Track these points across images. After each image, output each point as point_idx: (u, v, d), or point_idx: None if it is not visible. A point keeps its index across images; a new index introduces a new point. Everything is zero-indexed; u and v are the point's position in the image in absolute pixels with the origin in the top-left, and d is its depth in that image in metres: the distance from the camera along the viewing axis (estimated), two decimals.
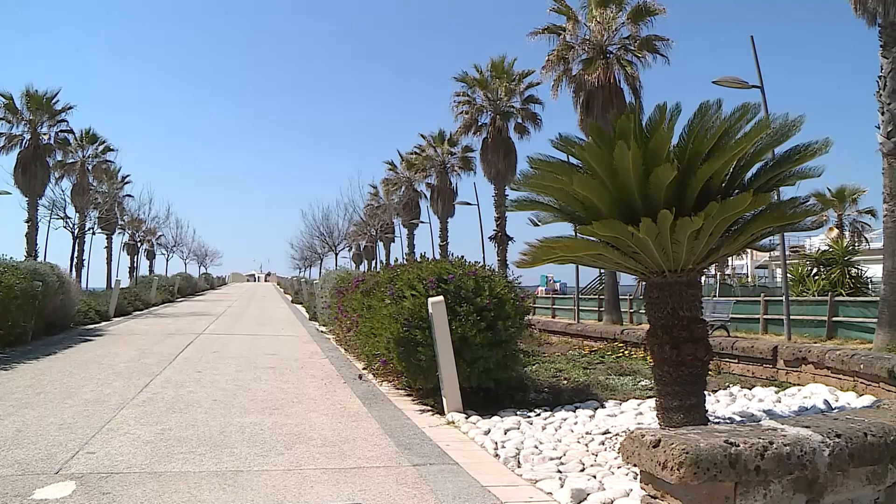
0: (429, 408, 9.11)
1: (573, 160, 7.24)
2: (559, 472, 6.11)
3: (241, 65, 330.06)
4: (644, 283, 7.47)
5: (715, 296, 31.91)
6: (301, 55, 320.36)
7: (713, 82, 17.40)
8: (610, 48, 29.34)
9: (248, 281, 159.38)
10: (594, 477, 5.87)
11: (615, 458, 6.34)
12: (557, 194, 7.24)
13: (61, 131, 44.57)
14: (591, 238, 6.84)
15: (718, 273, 46.11)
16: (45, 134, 43.12)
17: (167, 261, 77.64)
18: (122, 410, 8.76)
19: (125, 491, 5.51)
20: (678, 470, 3.60)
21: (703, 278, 7.96)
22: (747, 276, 56.07)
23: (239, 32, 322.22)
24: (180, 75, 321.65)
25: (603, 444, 6.98)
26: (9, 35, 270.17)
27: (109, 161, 51.60)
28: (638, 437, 3.99)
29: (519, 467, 6.39)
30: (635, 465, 4.08)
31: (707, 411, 7.12)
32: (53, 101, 42.95)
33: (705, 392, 7.09)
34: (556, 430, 7.72)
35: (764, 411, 8.62)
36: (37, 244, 41.62)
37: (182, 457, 6.57)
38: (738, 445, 3.71)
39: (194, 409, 8.88)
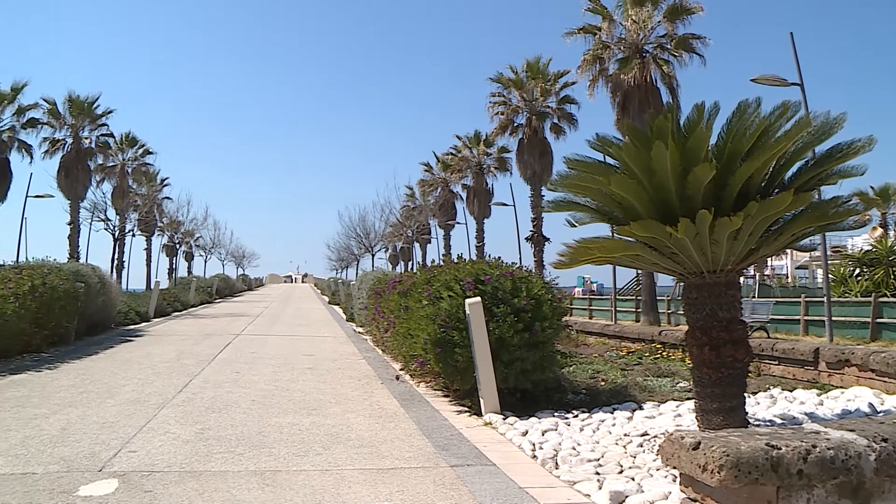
0: (466, 409, 9.10)
1: (610, 160, 7.20)
2: (597, 473, 6.07)
3: (278, 65, 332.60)
4: (682, 283, 7.41)
5: (754, 297, 31.54)
6: (338, 56, 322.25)
7: (752, 80, 17.23)
8: (646, 47, 29.10)
9: (285, 282, 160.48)
10: (633, 479, 5.82)
11: (654, 460, 6.29)
12: (594, 195, 7.20)
13: (102, 135, 45.18)
14: (629, 239, 6.80)
15: (757, 273, 45.56)
16: (86, 138, 43.77)
17: (205, 262, 78.33)
18: (162, 410, 8.86)
19: (166, 489, 5.58)
20: (718, 472, 3.57)
21: (741, 279, 7.87)
22: (787, 277, 55.30)
23: (276, 33, 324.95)
24: (218, 77, 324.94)
25: (641, 445, 6.93)
26: (50, 40, 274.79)
27: (148, 164, 52.32)
28: (677, 439, 3.96)
29: (557, 469, 6.36)
30: (675, 468, 4.05)
31: (747, 413, 7.04)
32: (94, 106, 43.59)
33: (745, 394, 7.01)
34: (593, 432, 7.68)
35: (806, 414, 8.50)
36: (79, 246, 42.31)
37: (221, 456, 6.64)
38: (780, 448, 3.67)
39: (233, 409, 8.96)
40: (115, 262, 40.57)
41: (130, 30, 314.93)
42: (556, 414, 8.56)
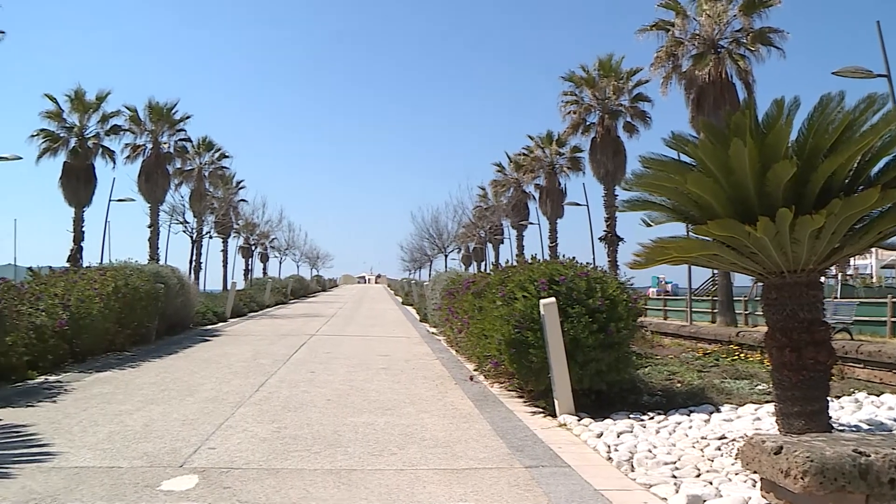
0: (540, 410, 9.06)
1: (685, 158, 7.08)
2: (674, 477, 5.99)
3: (352, 65, 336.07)
4: (761, 283, 7.24)
5: (836, 297, 30.69)
6: (411, 54, 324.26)
7: (834, 73, 16.80)
8: (721, 42, 28.59)
9: (358, 283, 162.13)
10: (710, 483, 5.72)
11: (732, 464, 6.16)
12: (670, 194, 7.09)
13: (180, 140, 46.33)
14: (706, 238, 6.67)
15: (839, 273, 44.30)
16: (165, 143, 44.91)
17: (280, 263, 79.82)
18: (239, 408, 9.03)
19: (244, 486, 5.69)
20: (802, 478, 3.47)
21: (822, 279, 7.65)
22: (871, 277, 53.65)
23: (349, 32, 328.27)
24: (293, 78, 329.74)
25: (719, 449, 6.80)
26: (130, 48, 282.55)
27: (225, 167, 53.47)
28: (758, 443, 3.87)
29: (632, 471, 6.29)
30: (755, 472, 3.97)
31: (830, 418, 6.84)
32: (173, 112, 44.73)
33: (828, 398, 6.82)
34: (669, 434, 7.56)
35: (895, 420, 8.22)
36: (158, 248, 43.48)
37: (297, 454, 6.73)
38: (870, 455, 3.54)
39: (308, 409, 9.08)
40: (193, 263, 41.64)
41: (205, 33, 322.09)
42: (631, 416, 8.45)
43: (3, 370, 11.18)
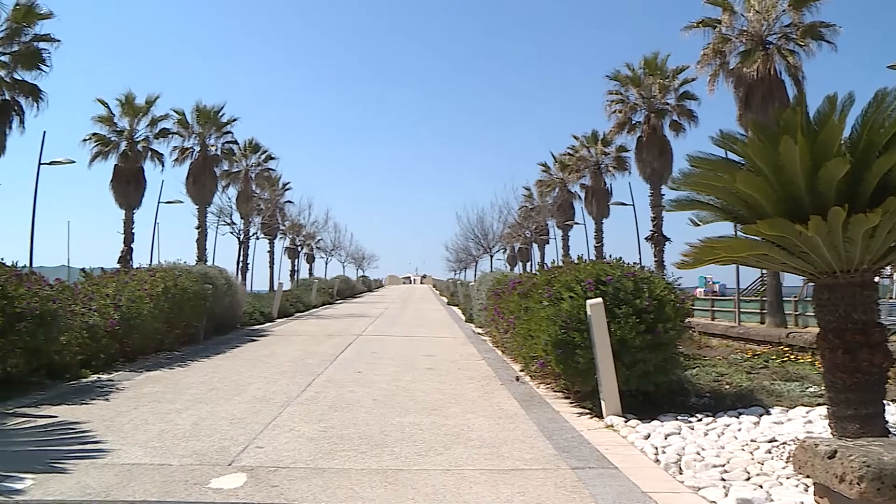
0: (587, 411, 9.00)
1: (733, 157, 6.98)
2: (723, 480, 5.90)
3: (397, 64, 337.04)
4: (812, 284, 7.10)
5: (892, 298, 30.02)
6: (457, 55, 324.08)
7: (889, 67, 16.41)
8: (769, 38, 28.15)
9: (403, 283, 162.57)
10: (761, 487, 5.63)
11: (783, 468, 6.06)
12: (718, 193, 6.99)
13: (227, 142, 46.89)
14: (755, 238, 6.57)
15: (894, 273, 43.28)
16: (212, 145, 45.51)
17: (326, 264, 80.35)
18: (287, 408, 9.11)
19: (292, 485, 5.74)
20: (858, 484, 3.39)
21: (876, 279, 7.49)
22: None
23: (394, 31, 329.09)
24: (337, 79, 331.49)
25: (769, 452, 6.69)
26: (177, 52, 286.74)
27: (271, 169, 53.99)
28: (811, 447, 3.80)
29: (680, 474, 6.21)
30: (808, 477, 3.89)
31: (887, 423, 6.68)
32: (220, 115, 45.34)
33: (884, 401, 6.66)
34: (718, 437, 7.46)
35: None
36: (206, 249, 44.08)
37: (344, 454, 6.77)
38: None
39: (355, 408, 9.13)
40: (240, 264, 42.17)
41: (251, 34, 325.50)
42: (678, 417, 8.35)
43: (58, 368, 11.44)
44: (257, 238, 49.90)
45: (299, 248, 73.44)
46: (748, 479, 5.93)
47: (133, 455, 6.70)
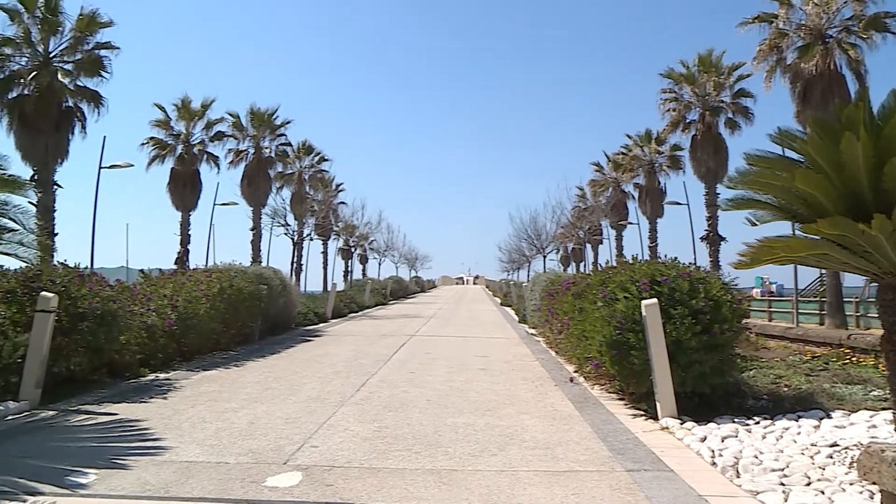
0: (641, 412, 8.92)
1: (791, 154, 6.84)
2: (782, 484, 5.80)
3: (450, 65, 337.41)
4: (875, 284, 6.94)
5: None
6: (508, 55, 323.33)
7: None
8: (829, 32, 27.51)
9: (456, 284, 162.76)
10: (822, 493, 5.51)
11: (846, 474, 5.92)
12: (776, 191, 6.87)
13: (281, 145, 47.48)
14: (815, 237, 6.44)
15: None
16: (266, 148, 46.17)
17: (379, 265, 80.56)
18: (341, 408, 9.17)
19: (346, 484, 5.79)
20: None
21: None
22: None
23: (446, 31, 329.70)
24: (390, 79, 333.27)
25: (831, 457, 6.55)
26: (231, 56, 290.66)
27: (324, 170, 54.55)
28: (877, 453, 3.71)
29: (738, 477, 6.12)
30: (873, 483, 3.80)
31: None
32: (274, 117, 45.95)
33: None
34: (776, 440, 7.32)
35: None
36: (261, 250, 44.62)
37: (398, 454, 6.80)
38: None
39: (409, 409, 9.16)
40: (294, 265, 42.49)
41: (307, 36, 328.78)
42: (735, 420, 8.22)
43: (119, 367, 11.69)
44: (311, 239, 50.35)
45: (353, 249, 73.78)
46: (808, 484, 5.82)
47: (191, 453, 6.82)
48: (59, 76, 29.06)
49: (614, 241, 59.65)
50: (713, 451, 6.83)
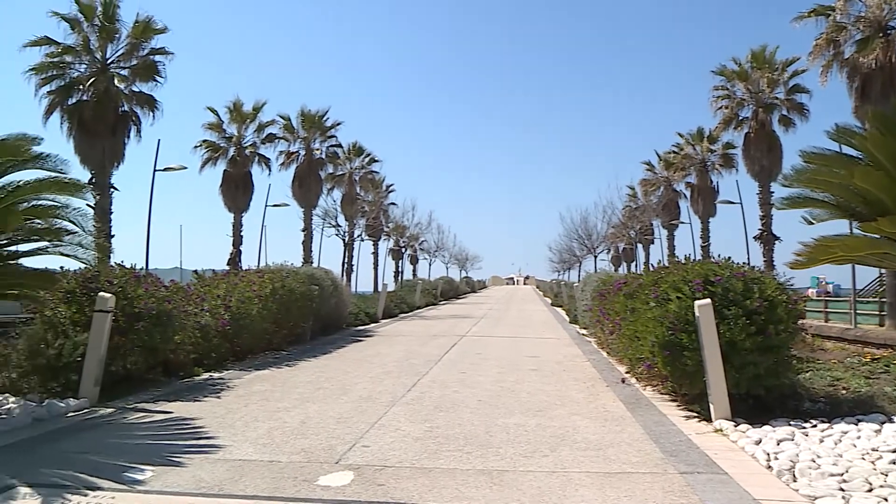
0: (694, 414, 8.80)
1: (850, 151, 6.71)
2: (842, 490, 5.65)
3: (499, 65, 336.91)
4: None
5: None
6: (558, 54, 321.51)
7: None
8: (891, 24, 26.81)
9: (506, 284, 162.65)
10: (885, 500, 5.36)
11: None
12: (834, 189, 6.76)
13: (331, 146, 47.93)
14: (875, 235, 6.31)
15: None
16: (317, 149, 46.67)
17: (430, 265, 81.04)
18: (392, 408, 9.20)
19: (397, 484, 5.81)
20: None
21: None
22: None
23: (496, 32, 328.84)
24: (440, 80, 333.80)
25: (894, 463, 6.38)
26: (282, 57, 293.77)
27: (374, 171, 54.86)
28: None
29: (794, 481, 5.99)
30: None
31: None
32: (324, 119, 46.47)
33: None
34: (835, 444, 7.15)
35: None
36: (312, 251, 45.12)
37: (449, 454, 6.80)
38: None
39: (460, 409, 9.16)
40: (345, 265, 42.86)
41: (356, 37, 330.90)
42: (791, 423, 8.06)
43: (173, 366, 11.88)
44: (362, 240, 50.75)
45: (403, 250, 74.24)
46: (870, 490, 5.67)
47: (244, 451, 6.90)
48: (116, 82, 29.77)
49: (666, 241, 59.20)
50: (768, 455, 6.70)
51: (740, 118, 39.10)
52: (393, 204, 60.54)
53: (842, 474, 6.03)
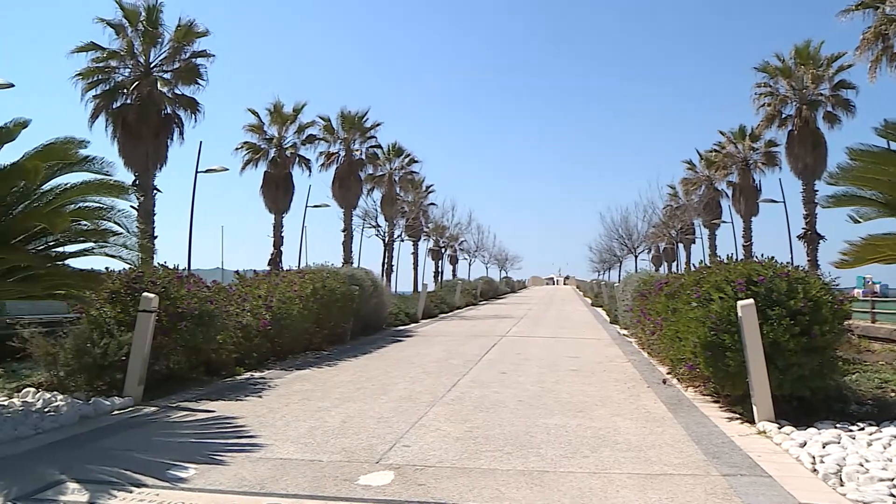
0: (737, 415, 8.69)
1: None
2: (892, 496, 5.51)
3: (539, 63, 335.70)
4: None
5: None
6: (595, 53, 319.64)
7: None
8: None
9: (546, 284, 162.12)
10: None
11: None
12: (882, 187, 6.63)
13: (371, 147, 48.21)
14: None
15: None
16: (357, 150, 46.93)
17: (469, 265, 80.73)
18: (432, 408, 9.21)
19: (438, 484, 5.81)
20: None
21: None
22: None
23: (536, 30, 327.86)
24: (479, 79, 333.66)
25: None
26: (322, 59, 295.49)
27: (414, 172, 55.01)
28: None
29: (841, 486, 5.87)
30: None
31: None
32: (364, 120, 46.68)
33: None
34: (884, 448, 6.99)
35: None
36: (352, 251, 45.30)
37: (489, 454, 6.79)
38: None
39: (500, 409, 9.14)
40: (385, 265, 42.94)
41: (396, 38, 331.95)
42: (837, 425, 7.91)
43: (215, 366, 12.00)
44: (402, 240, 50.84)
45: (443, 250, 74.16)
46: None
47: (285, 450, 6.95)
48: (159, 85, 30.29)
49: (707, 241, 58.68)
50: (814, 457, 6.58)
51: (783, 115, 38.66)
52: (433, 204, 60.52)
53: (892, 479, 5.89)
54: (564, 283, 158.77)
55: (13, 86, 21.49)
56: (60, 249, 9.37)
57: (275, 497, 5.52)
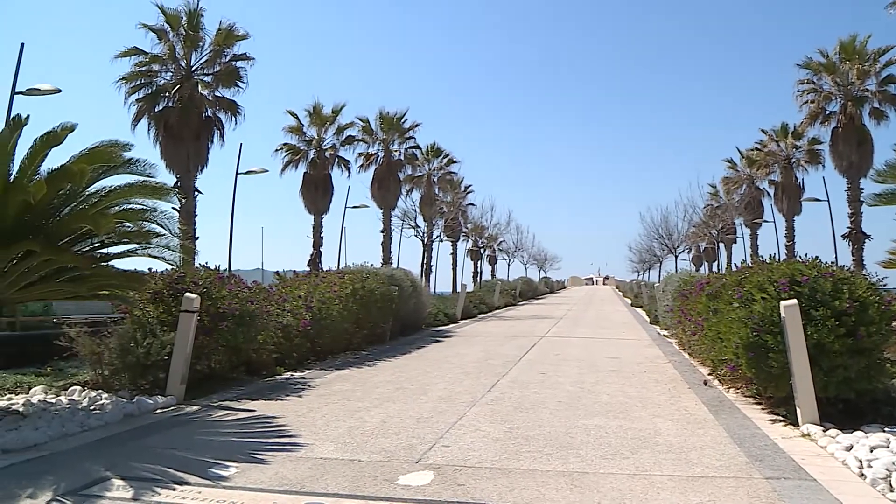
0: (780, 418, 8.57)
1: None
2: None
3: (577, 62, 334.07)
4: None
5: None
6: (634, 51, 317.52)
7: None
8: None
9: (586, 284, 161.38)
10: None
11: None
12: None
13: (410, 147, 48.17)
14: None
15: None
16: (395, 151, 46.98)
17: (508, 265, 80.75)
18: (472, 408, 9.20)
19: (477, 484, 5.81)
20: None
21: None
22: None
23: (573, 26, 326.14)
24: (518, 80, 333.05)
25: None
26: (360, 60, 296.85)
27: (453, 172, 54.85)
28: None
29: (891, 491, 5.74)
30: None
31: None
32: (402, 121, 46.71)
33: None
34: None
35: None
36: (391, 252, 45.46)
37: (529, 455, 6.77)
38: None
39: (540, 410, 9.11)
40: (424, 266, 43.08)
41: (433, 36, 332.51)
42: (886, 429, 7.75)
43: (255, 366, 12.11)
44: (440, 240, 51.01)
45: (482, 250, 74.21)
46: None
47: (325, 450, 6.99)
48: (200, 88, 30.64)
49: (748, 240, 57.89)
50: (861, 462, 6.45)
51: (827, 112, 38.08)
52: (471, 205, 60.62)
53: None
54: (604, 284, 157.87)
55: (60, 91, 21.98)
56: (105, 251, 9.52)
57: (315, 496, 5.55)
